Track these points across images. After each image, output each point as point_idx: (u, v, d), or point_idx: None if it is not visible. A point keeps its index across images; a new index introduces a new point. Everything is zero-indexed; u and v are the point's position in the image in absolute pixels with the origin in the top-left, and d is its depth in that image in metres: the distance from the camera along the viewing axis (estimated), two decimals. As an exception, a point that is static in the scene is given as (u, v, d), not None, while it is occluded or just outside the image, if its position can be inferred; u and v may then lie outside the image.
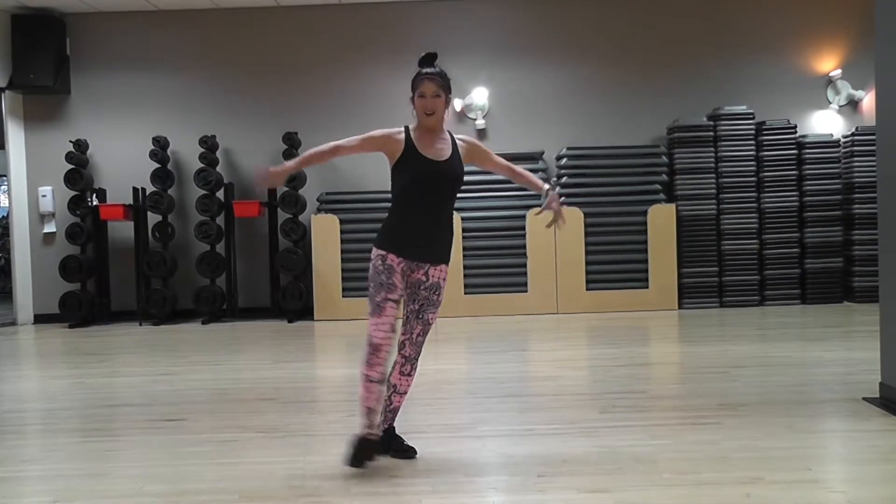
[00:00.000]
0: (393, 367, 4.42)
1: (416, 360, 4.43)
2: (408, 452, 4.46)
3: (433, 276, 4.33)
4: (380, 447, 4.35)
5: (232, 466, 4.43)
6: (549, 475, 4.11)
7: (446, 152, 4.30)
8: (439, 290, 4.37)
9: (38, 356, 9.09)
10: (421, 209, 4.26)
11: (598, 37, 11.20)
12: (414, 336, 4.40)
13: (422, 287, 4.33)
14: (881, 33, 5.38)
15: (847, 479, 4.10)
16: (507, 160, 4.64)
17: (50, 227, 11.35)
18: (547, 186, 4.50)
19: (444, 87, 4.35)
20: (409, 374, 4.43)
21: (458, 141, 4.40)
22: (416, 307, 4.37)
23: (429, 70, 4.36)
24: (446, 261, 4.37)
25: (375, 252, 4.28)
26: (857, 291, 10.43)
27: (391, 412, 4.48)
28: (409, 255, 4.25)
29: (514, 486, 4.04)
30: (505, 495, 3.96)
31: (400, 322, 4.37)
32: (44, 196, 11.31)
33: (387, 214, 4.36)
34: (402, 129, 4.33)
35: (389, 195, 4.37)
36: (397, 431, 4.52)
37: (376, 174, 11.08)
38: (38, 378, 7.70)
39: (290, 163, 4.47)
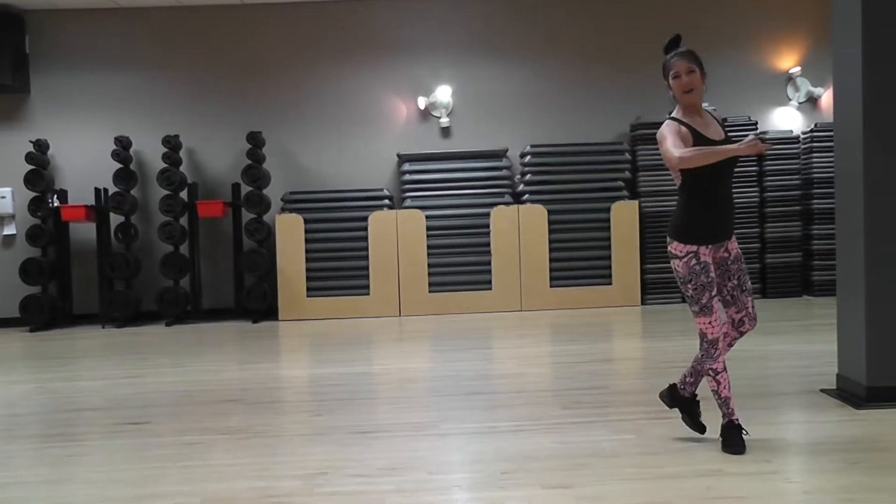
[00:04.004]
0: (727, 349, 4.50)
1: None
2: (698, 427, 4.56)
3: (733, 249, 4.39)
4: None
5: (196, 469, 4.41)
6: (513, 472, 4.14)
7: (719, 132, 4.36)
8: (742, 257, 4.42)
9: (-1, 360, 8.98)
10: (717, 191, 4.30)
11: (561, 34, 11.25)
12: (751, 310, 4.43)
13: (729, 262, 4.38)
14: (838, 31, 5.47)
15: (804, 470, 4.18)
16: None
17: (9, 230, 11.21)
18: None
19: (699, 63, 4.33)
20: (730, 346, 4.51)
21: (716, 116, 4.45)
22: (736, 282, 4.39)
23: (677, 50, 4.36)
24: (734, 230, 4.46)
25: (684, 249, 4.28)
26: (816, 285, 10.57)
27: (701, 376, 4.53)
28: (718, 238, 4.32)
29: (478, 483, 4.07)
30: (468, 492, 3.98)
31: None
32: (3, 198, 11.14)
33: (680, 207, 4.35)
34: (672, 121, 4.31)
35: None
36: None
37: (340, 173, 11.09)
38: (-2, 382, 7.61)
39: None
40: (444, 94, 11.20)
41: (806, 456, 4.39)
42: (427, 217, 10.52)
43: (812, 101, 11.34)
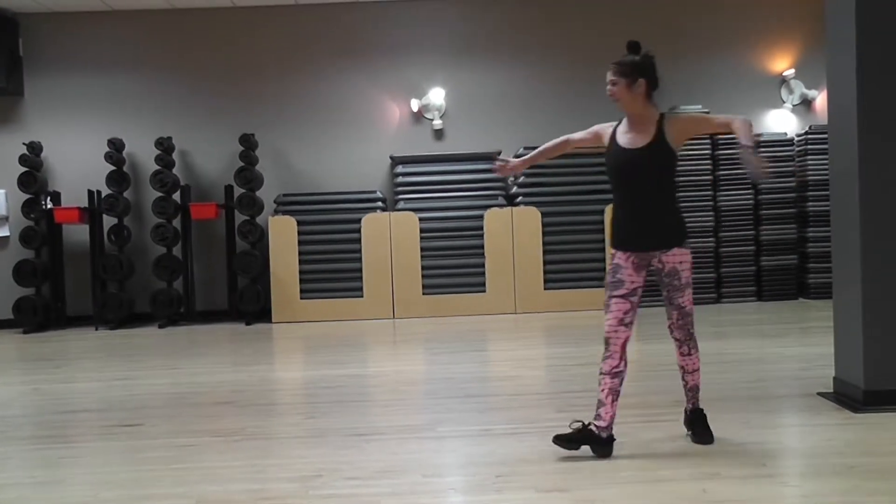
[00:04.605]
0: (675, 351, 4.52)
1: (691, 340, 4.47)
2: (703, 438, 4.48)
3: (668, 263, 4.37)
4: (599, 442, 4.28)
5: (190, 471, 4.39)
6: (508, 475, 4.12)
7: (643, 139, 4.32)
8: (677, 274, 4.39)
9: (-9, 362, 8.94)
10: (624, 199, 4.38)
11: (554, 36, 11.24)
12: (675, 321, 4.45)
13: (662, 274, 4.40)
14: (832, 33, 5.47)
15: (801, 474, 4.17)
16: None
17: (3, 231, 11.15)
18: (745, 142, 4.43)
19: (621, 72, 4.43)
20: (690, 354, 4.48)
21: (667, 123, 4.37)
22: (665, 293, 4.44)
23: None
24: (677, 244, 4.38)
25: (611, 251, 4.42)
26: (812, 288, 10.57)
27: (690, 391, 4.55)
28: (631, 247, 4.34)
29: (473, 486, 4.05)
30: (464, 496, 3.97)
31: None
32: (-4, 199, 11.12)
33: None
34: (616, 122, 4.50)
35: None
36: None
37: (333, 175, 11.07)
38: (-10, 385, 7.57)
39: (528, 156, 4.76)
40: (437, 96, 11.19)
41: (803, 459, 4.38)
42: (420, 219, 10.50)
43: (806, 103, 11.34)
